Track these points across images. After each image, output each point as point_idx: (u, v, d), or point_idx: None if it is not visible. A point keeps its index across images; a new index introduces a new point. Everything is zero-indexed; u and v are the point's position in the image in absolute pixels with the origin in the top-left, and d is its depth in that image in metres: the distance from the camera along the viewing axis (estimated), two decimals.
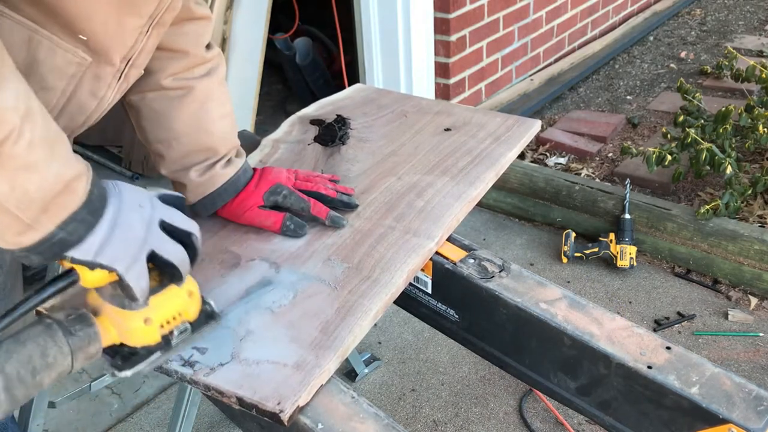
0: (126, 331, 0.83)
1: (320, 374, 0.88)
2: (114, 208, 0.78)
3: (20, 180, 0.70)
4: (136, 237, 0.79)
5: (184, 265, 0.84)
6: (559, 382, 1.06)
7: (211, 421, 2.00)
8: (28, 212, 0.71)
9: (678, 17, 4.73)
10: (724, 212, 2.44)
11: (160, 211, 0.83)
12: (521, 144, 1.38)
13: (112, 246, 0.77)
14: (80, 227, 0.75)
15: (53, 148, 0.73)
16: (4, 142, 0.67)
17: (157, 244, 0.81)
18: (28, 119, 0.70)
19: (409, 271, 1.05)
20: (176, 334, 0.86)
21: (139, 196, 0.82)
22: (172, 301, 0.85)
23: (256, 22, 3.02)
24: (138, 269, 0.79)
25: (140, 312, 0.82)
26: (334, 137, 1.43)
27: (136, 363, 0.85)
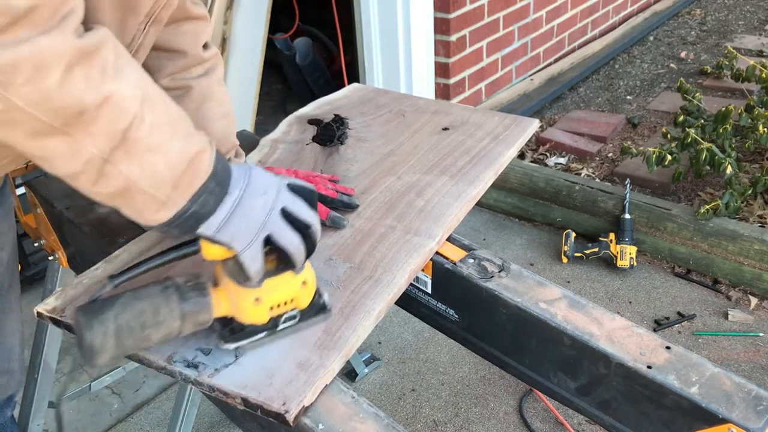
0: (238, 307, 0.87)
1: (325, 374, 0.88)
2: (240, 188, 0.81)
3: (148, 161, 0.74)
4: (256, 220, 0.82)
5: (298, 254, 0.86)
6: (559, 382, 1.06)
7: (211, 421, 2.00)
8: (161, 190, 0.75)
9: (678, 17, 4.74)
10: (724, 212, 2.43)
11: (283, 199, 0.85)
12: (519, 143, 1.38)
13: (232, 225, 0.80)
14: (210, 199, 0.79)
15: (174, 128, 0.77)
16: (128, 128, 0.71)
17: (275, 229, 0.83)
18: (147, 104, 0.73)
19: (410, 270, 1.05)
20: (284, 318, 0.90)
21: (266, 181, 0.85)
22: (285, 286, 0.88)
23: (256, 22, 3.02)
24: (254, 251, 0.82)
25: (253, 291, 0.86)
26: (333, 137, 1.43)
27: (241, 339, 0.89)
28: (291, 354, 0.90)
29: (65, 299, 1.01)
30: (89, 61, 0.68)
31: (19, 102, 0.66)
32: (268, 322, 0.89)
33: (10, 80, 0.64)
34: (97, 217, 1.31)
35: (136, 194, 0.75)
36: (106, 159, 0.72)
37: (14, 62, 0.64)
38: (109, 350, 0.79)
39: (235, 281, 0.85)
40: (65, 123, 0.68)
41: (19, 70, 0.64)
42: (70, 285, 1.04)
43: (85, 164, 0.72)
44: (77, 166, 0.72)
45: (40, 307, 1.01)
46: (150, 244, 1.12)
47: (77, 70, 0.67)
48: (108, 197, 0.76)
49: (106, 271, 1.07)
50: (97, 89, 0.69)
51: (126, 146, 0.72)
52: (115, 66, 0.72)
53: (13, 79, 0.64)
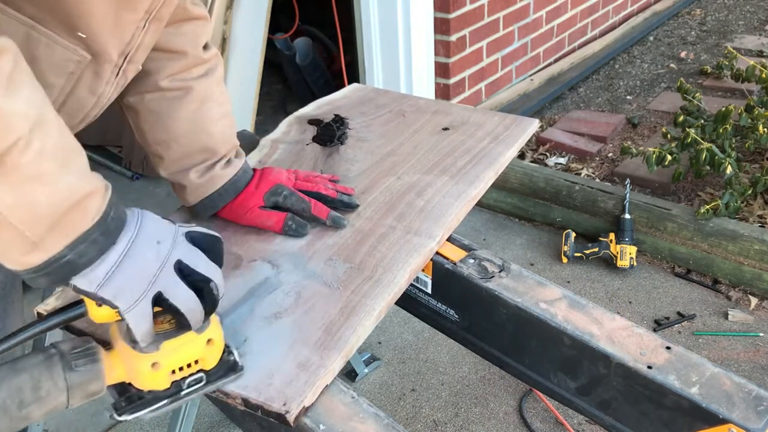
0: (133, 373, 0.79)
1: (325, 374, 0.88)
2: (128, 238, 0.74)
3: (27, 192, 0.66)
4: (145, 274, 0.74)
5: (192, 314, 0.77)
6: (559, 382, 1.06)
7: (211, 421, 2.00)
8: (34, 229, 0.67)
9: (678, 17, 4.73)
10: (724, 212, 2.43)
11: (180, 251, 0.77)
12: (519, 143, 1.38)
13: (117, 279, 0.72)
14: (91, 249, 0.71)
15: (67, 161, 0.69)
16: (9, 151, 0.64)
17: (165, 286, 0.75)
18: (40, 127, 0.66)
19: (410, 270, 1.05)
20: (188, 383, 0.81)
21: (161, 230, 0.77)
22: (187, 347, 0.79)
23: (256, 22, 3.02)
24: (140, 310, 0.73)
25: (149, 355, 0.77)
26: (333, 137, 1.43)
27: (140, 408, 0.80)
28: (291, 354, 0.90)
29: (65, 300, 1.01)
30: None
31: None
32: (169, 388, 0.80)
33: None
34: None
35: (2, 229, 0.66)
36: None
37: None
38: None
39: (129, 344, 0.77)
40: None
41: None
42: None
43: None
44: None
45: (40, 308, 1.01)
46: None
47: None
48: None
49: None
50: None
51: (3, 170, 0.64)
52: (10, 78, 0.65)
53: None
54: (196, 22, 1.11)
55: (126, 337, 0.77)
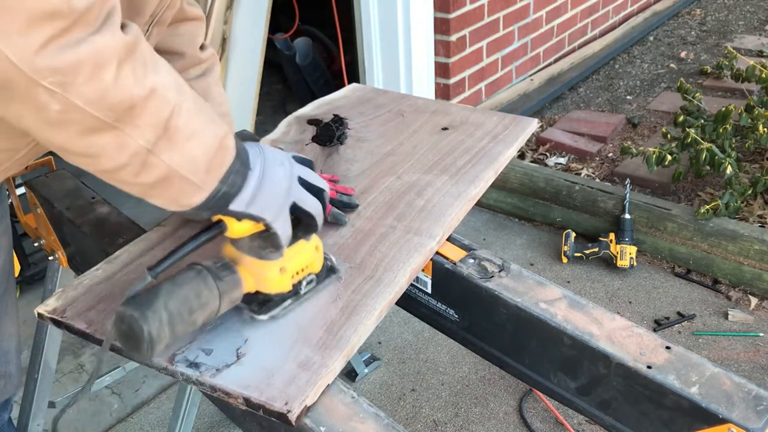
0: (263, 280, 0.91)
1: (327, 374, 0.87)
2: (260, 163, 0.85)
3: (188, 147, 0.76)
4: (281, 189, 0.86)
5: (320, 216, 0.91)
6: (559, 382, 1.06)
7: (211, 421, 2.00)
8: (198, 175, 0.78)
9: (678, 17, 4.74)
10: (724, 212, 2.44)
11: (297, 169, 0.90)
12: (519, 142, 1.38)
13: (261, 198, 0.83)
14: (237, 178, 0.82)
15: (203, 114, 0.79)
16: (170, 118, 0.74)
17: (298, 196, 0.88)
18: (181, 93, 0.76)
19: (411, 270, 1.05)
20: (305, 283, 0.95)
21: (279, 155, 0.89)
22: (303, 253, 0.93)
23: (256, 22, 3.02)
24: (284, 219, 0.86)
25: (276, 262, 0.90)
26: (332, 137, 1.42)
27: (271, 308, 0.93)
28: (292, 354, 0.90)
29: (66, 300, 1.01)
30: (133, 55, 0.70)
31: (78, 102, 0.66)
32: (291, 290, 0.94)
33: (71, 80, 0.65)
34: (97, 217, 1.31)
35: (175, 181, 0.77)
36: (150, 150, 0.73)
37: (77, 63, 0.65)
38: (165, 339, 0.81)
39: (256, 256, 0.89)
40: (117, 118, 0.70)
41: (80, 70, 0.65)
42: (70, 286, 1.04)
43: (131, 156, 0.73)
44: (123, 159, 0.73)
45: (40, 308, 1.00)
46: (150, 244, 1.12)
47: (126, 65, 0.69)
48: (146, 187, 0.78)
49: (107, 271, 1.07)
50: (143, 82, 0.71)
51: (168, 135, 0.74)
52: (152, 59, 0.74)
53: (74, 80, 0.65)
54: (193, 23, 1.11)
55: (252, 251, 0.89)
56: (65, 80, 0.65)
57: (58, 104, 0.66)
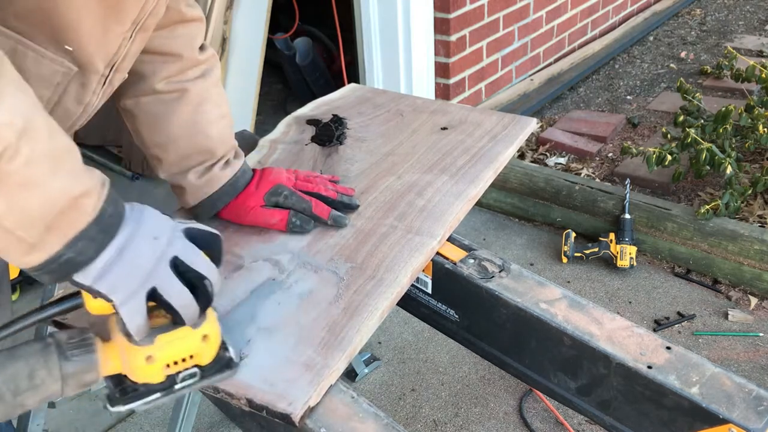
0: (128, 365, 0.80)
1: (330, 374, 0.87)
2: (126, 233, 0.75)
3: (18, 198, 0.67)
4: (140, 270, 0.75)
5: (185, 310, 0.78)
6: (559, 382, 1.06)
7: (211, 421, 2.00)
8: (30, 231, 0.68)
9: (678, 17, 4.73)
10: (724, 212, 2.44)
11: (177, 248, 0.78)
12: (518, 142, 1.38)
13: (113, 274, 0.73)
14: (90, 247, 0.72)
15: (58, 164, 0.70)
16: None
17: (160, 282, 0.76)
18: (27, 135, 0.67)
19: (413, 270, 1.05)
20: (182, 377, 0.82)
21: (158, 226, 0.78)
22: (182, 342, 0.80)
23: (256, 22, 3.02)
24: (135, 305, 0.74)
25: (144, 348, 0.78)
26: (332, 137, 1.42)
27: (133, 400, 0.80)
28: (295, 354, 0.90)
29: None
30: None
31: None
32: (164, 381, 0.81)
33: None
34: None
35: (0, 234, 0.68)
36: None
37: None
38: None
39: (125, 337, 0.78)
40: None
41: None
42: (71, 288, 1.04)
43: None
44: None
45: None
46: None
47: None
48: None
49: None
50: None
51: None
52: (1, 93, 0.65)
53: None
54: (191, 24, 1.10)
55: (122, 329, 0.78)
56: None
57: None
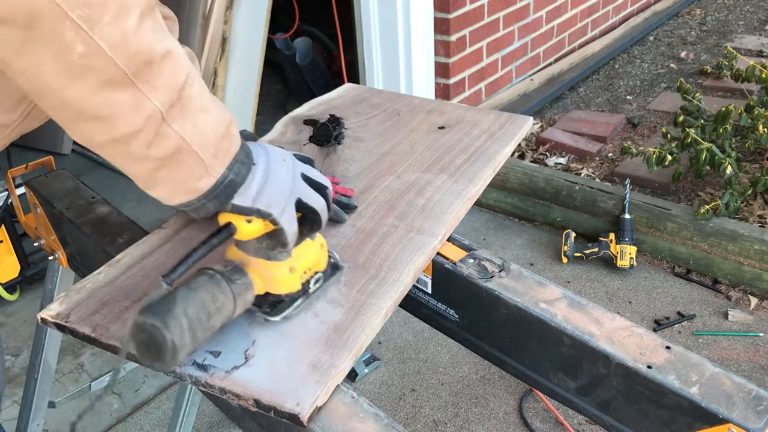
0: (272, 281, 0.91)
1: (336, 374, 0.87)
2: (264, 159, 0.85)
3: (200, 121, 0.76)
4: (285, 185, 0.86)
5: (324, 213, 0.91)
6: (559, 382, 1.06)
7: (211, 421, 2.00)
8: (207, 154, 0.77)
9: (678, 17, 4.74)
10: (724, 212, 2.44)
11: (300, 166, 0.90)
12: (515, 140, 1.38)
13: (267, 193, 0.83)
14: (242, 168, 0.82)
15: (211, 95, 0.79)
16: (184, 86, 0.73)
17: (303, 192, 0.88)
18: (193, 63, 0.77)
19: (415, 269, 1.05)
20: (313, 282, 0.95)
21: (281, 151, 0.89)
22: (309, 251, 0.93)
23: (256, 22, 3.02)
24: (289, 214, 0.86)
25: (285, 262, 0.90)
26: (330, 137, 1.42)
27: (283, 309, 0.93)
28: (301, 354, 0.90)
29: (69, 305, 1.01)
30: (153, 14, 0.71)
31: (102, 43, 0.66)
32: (301, 289, 0.94)
33: (98, 17, 0.65)
34: (97, 217, 1.31)
35: (186, 157, 0.76)
36: (164, 115, 0.72)
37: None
38: (187, 346, 0.81)
39: (264, 257, 0.89)
40: (135, 72, 0.69)
41: (107, 8, 0.65)
42: (73, 290, 1.03)
43: (146, 120, 0.72)
44: (139, 122, 0.71)
45: (43, 313, 1.00)
46: (151, 247, 1.12)
47: (147, 20, 0.69)
48: (156, 164, 0.76)
49: (109, 275, 1.06)
50: (161, 41, 0.71)
51: (181, 104, 0.74)
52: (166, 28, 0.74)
53: (100, 17, 0.65)
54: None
55: (259, 252, 0.89)
56: (92, 15, 0.64)
57: (82, 44, 0.65)
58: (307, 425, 0.83)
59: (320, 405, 0.85)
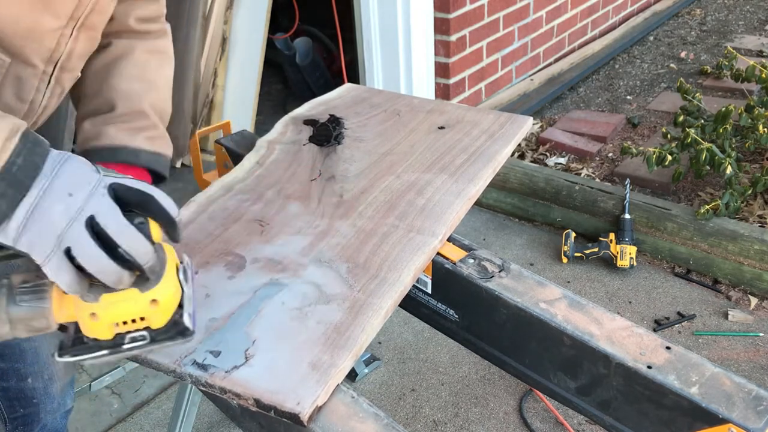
0: (78, 318, 0.79)
1: (336, 374, 0.87)
2: (39, 188, 0.71)
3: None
4: (52, 228, 0.71)
5: (104, 276, 0.73)
6: (559, 382, 1.06)
7: (210, 421, 2.00)
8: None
9: (678, 17, 4.74)
10: (724, 212, 2.43)
11: (95, 205, 0.72)
12: (515, 140, 1.39)
13: (29, 233, 0.71)
14: (1, 203, 0.69)
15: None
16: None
17: (74, 243, 0.71)
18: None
19: (415, 269, 1.05)
20: (129, 338, 0.79)
21: (78, 180, 0.73)
22: (126, 304, 0.77)
23: (256, 22, 3.02)
24: (56, 263, 0.71)
25: (88, 305, 0.76)
26: (330, 137, 1.42)
27: (81, 353, 0.79)
28: (302, 354, 0.90)
29: None
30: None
31: None
32: (112, 339, 0.79)
33: None
34: None
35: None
36: None
37: None
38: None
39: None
40: None
41: None
42: None
43: None
44: None
45: None
46: None
47: None
48: None
49: None
50: None
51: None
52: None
53: None
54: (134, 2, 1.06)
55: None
56: None
57: None
58: (307, 425, 0.83)
59: (320, 404, 0.85)
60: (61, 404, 1.27)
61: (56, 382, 1.24)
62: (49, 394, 1.23)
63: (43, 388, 1.22)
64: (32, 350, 1.19)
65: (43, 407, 1.24)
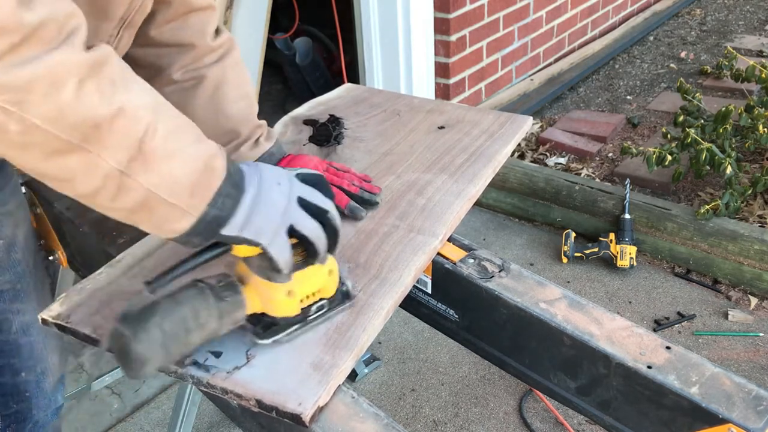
0: (269, 302, 0.88)
1: (338, 374, 0.87)
2: (255, 184, 0.82)
3: (166, 168, 0.74)
4: (276, 212, 0.83)
5: (319, 241, 0.86)
6: (559, 382, 1.06)
7: (211, 421, 2.00)
8: (180, 198, 0.76)
9: (678, 17, 4.74)
10: (724, 212, 2.44)
11: (298, 189, 0.86)
12: (515, 140, 1.39)
13: (254, 221, 0.81)
14: (228, 201, 0.79)
15: (185, 134, 0.78)
16: (143, 138, 0.72)
17: (295, 219, 0.84)
18: (158, 112, 0.75)
19: (416, 269, 1.05)
20: (314, 309, 0.92)
21: (277, 174, 0.86)
22: (313, 277, 0.90)
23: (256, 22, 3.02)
24: (280, 242, 0.83)
25: (284, 285, 0.87)
26: (329, 137, 1.42)
27: (276, 333, 0.90)
28: (303, 354, 0.90)
29: (70, 305, 1.01)
30: (99, 73, 0.69)
31: (36, 121, 0.65)
32: (299, 314, 0.91)
33: (26, 99, 0.64)
34: (97, 217, 1.30)
35: (156, 205, 0.75)
36: (124, 171, 0.72)
37: (30, 79, 0.64)
38: (157, 360, 0.79)
39: (264, 277, 0.87)
40: (83, 138, 0.68)
41: (35, 88, 0.64)
42: (73, 290, 1.04)
43: (104, 179, 0.71)
44: (96, 181, 0.72)
45: (44, 314, 1.00)
46: (152, 247, 1.12)
47: (89, 83, 0.68)
48: (128, 212, 0.76)
49: (110, 276, 1.06)
50: (109, 101, 0.69)
51: (143, 156, 0.72)
52: (123, 78, 0.73)
53: (29, 98, 0.64)
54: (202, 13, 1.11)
55: (260, 271, 0.86)
56: (20, 98, 0.64)
57: (17, 124, 0.65)
58: (309, 425, 0.83)
59: (322, 405, 0.85)
60: (52, 401, 1.28)
61: (49, 377, 1.25)
62: (41, 388, 1.24)
63: (36, 382, 1.23)
64: (28, 345, 1.20)
65: (35, 402, 1.24)
